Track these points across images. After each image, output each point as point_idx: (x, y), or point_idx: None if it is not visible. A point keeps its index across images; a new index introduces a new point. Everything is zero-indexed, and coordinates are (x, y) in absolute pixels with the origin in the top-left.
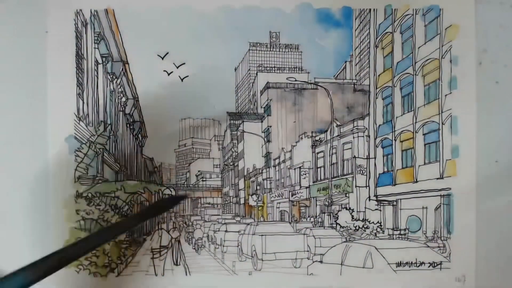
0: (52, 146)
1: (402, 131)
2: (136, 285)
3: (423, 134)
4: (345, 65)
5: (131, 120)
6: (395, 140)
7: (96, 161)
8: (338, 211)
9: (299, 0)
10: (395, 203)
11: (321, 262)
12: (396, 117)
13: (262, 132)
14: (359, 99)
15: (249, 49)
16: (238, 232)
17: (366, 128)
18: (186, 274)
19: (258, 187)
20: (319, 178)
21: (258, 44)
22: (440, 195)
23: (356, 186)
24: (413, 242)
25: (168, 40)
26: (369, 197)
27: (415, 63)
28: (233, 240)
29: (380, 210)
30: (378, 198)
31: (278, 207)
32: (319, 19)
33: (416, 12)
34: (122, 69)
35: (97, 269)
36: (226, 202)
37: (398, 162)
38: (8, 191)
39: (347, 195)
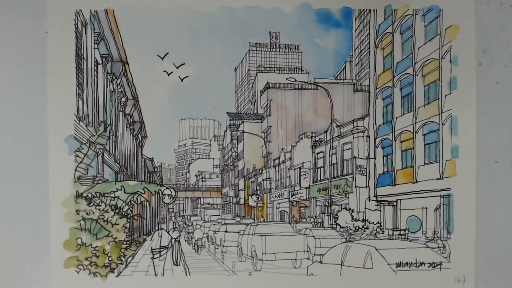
0: (52, 146)
1: (402, 132)
2: (136, 285)
3: (423, 135)
4: (345, 65)
5: (131, 120)
6: (395, 140)
7: (96, 161)
8: (338, 211)
9: (299, 1)
10: (395, 203)
11: (321, 262)
12: (396, 118)
13: (262, 132)
14: (359, 99)
15: (249, 49)
16: (238, 232)
17: (366, 129)
18: (186, 274)
19: (258, 188)
20: (319, 179)
21: (258, 44)
22: (440, 196)
23: (356, 187)
24: (413, 243)
25: (168, 40)
26: (369, 197)
27: (415, 63)
28: (233, 241)
29: (380, 211)
30: (378, 199)
31: (278, 208)
32: (319, 19)
33: (416, 12)
34: (122, 69)
35: (97, 269)
36: (226, 202)
37: (398, 162)
38: (8, 191)
39: (347, 195)
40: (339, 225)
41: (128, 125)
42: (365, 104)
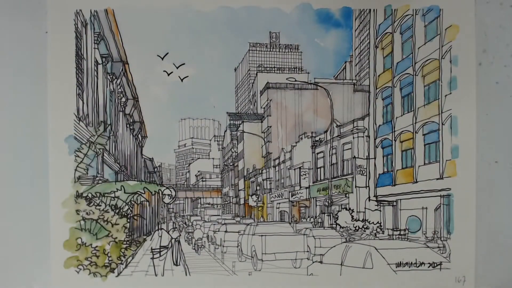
0: (52, 146)
1: (402, 132)
2: (136, 285)
3: (423, 135)
4: (345, 65)
5: (131, 120)
6: (395, 140)
7: (96, 161)
8: (338, 211)
9: (299, 1)
10: (395, 203)
11: (321, 262)
12: (396, 118)
13: (262, 132)
14: (359, 99)
15: (249, 49)
16: (238, 232)
17: (366, 129)
18: (186, 274)
19: (258, 188)
20: (319, 179)
21: (258, 44)
22: (440, 196)
23: (356, 187)
24: (413, 243)
25: (168, 40)
26: (369, 197)
27: (415, 63)
28: (233, 241)
29: (380, 211)
30: (378, 199)
31: (278, 208)
32: (319, 19)
33: (416, 12)
34: (122, 69)
35: (97, 269)
36: (226, 202)
37: (398, 162)
38: (8, 191)
39: (347, 195)
40: (339, 225)
41: (128, 125)
42: (365, 104)
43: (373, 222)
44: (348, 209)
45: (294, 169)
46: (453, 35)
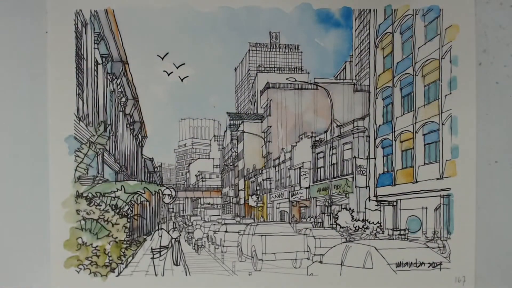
0: (52, 146)
1: (402, 132)
2: (136, 285)
3: (423, 135)
4: (345, 65)
5: (131, 120)
6: (395, 140)
7: (96, 161)
8: (338, 211)
9: (299, 1)
10: (395, 203)
11: (321, 262)
12: (396, 118)
13: (262, 132)
14: (359, 99)
15: (249, 49)
16: (238, 232)
17: (366, 129)
18: (186, 274)
19: (258, 188)
20: (319, 179)
21: (258, 44)
22: (440, 195)
23: (356, 187)
24: (413, 243)
25: (168, 40)
26: (369, 197)
27: (415, 63)
28: (233, 241)
29: (380, 211)
30: (378, 199)
31: (278, 208)
32: (319, 20)
33: (416, 12)
34: (122, 69)
35: (97, 269)
36: (226, 202)
37: (398, 162)
38: (8, 191)
39: (347, 195)
40: (339, 225)
41: (128, 125)
42: (365, 104)
43: (373, 222)
44: (348, 209)
45: (294, 169)
46: (453, 35)
